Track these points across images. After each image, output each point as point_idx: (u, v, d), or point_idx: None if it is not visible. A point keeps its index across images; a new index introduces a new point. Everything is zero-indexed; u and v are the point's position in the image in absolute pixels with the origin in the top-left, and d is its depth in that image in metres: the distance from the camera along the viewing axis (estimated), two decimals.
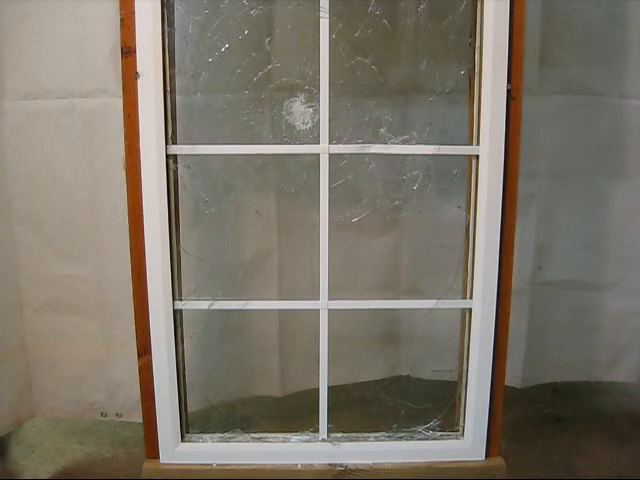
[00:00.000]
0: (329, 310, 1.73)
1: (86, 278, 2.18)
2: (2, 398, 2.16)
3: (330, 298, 1.73)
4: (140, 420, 1.80)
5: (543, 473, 2.16)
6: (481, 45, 1.61)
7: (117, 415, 2.27)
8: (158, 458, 1.75)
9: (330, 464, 1.75)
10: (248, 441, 1.79)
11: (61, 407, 2.29)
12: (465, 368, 1.76)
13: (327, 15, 1.59)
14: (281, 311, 2.21)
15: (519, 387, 2.33)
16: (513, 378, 2.28)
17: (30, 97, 2.05)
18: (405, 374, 2.38)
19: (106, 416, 2.28)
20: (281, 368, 2.30)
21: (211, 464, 1.75)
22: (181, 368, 1.75)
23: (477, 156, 1.65)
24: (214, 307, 1.74)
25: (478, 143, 1.65)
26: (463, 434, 1.78)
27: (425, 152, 1.76)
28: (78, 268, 2.18)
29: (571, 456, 2.24)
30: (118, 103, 1.82)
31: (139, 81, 1.59)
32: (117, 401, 2.26)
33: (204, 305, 1.75)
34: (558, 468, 2.18)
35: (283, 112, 1.90)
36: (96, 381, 2.25)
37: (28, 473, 2.20)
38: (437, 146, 1.69)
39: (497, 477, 1.75)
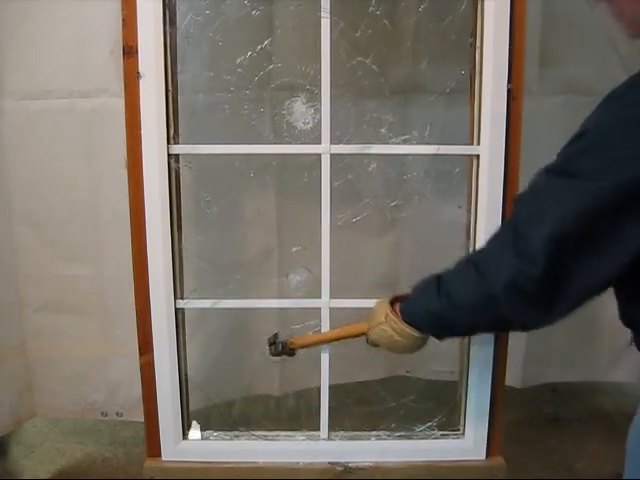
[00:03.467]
0: (330, 309, 1.73)
1: (86, 278, 2.19)
2: (2, 398, 2.17)
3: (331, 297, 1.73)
4: (140, 419, 1.81)
5: (543, 473, 2.16)
6: (481, 45, 1.61)
7: (117, 414, 2.28)
8: (160, 456, 1.75)
9: (331, 463, 1.75)
10: (249, 439, 1.79)
11: (61, 407, 2.29)
12: (466, 368, 1.76)
13: (328, 15, 1.59)
14: (281, 311, 2.20)
15: (519, 387, 2.34)
16: (513, 378, 2.28)
17: (30, 97, 2.05)
18: (405, 374, 2.38)
19: (106, 415, 2.28)
20: (280, 367, 2.30)
21: (212, 462, 1.75)
22: (183, 366, 1.75)
23: (477, 156, 1.65)
24: (216, 306, 1.74)
25: (479, 143, 1.64)
26: (464, 434, 1.78)
27: (425, 152, 1.76)
28: (78, 268, 2.18)
29: (571, 456, 2.24)
30: (118, 103, 1.82)
31: (141, 81, 1.59)
32: (117, 400, 2.26)
33: (206, 304, 1.75)
34: (558, 468, 2.19)
35: (284, 112, 1.90)
36: (96, 381, 2.25)
37: (28, 473, 2.20)
38: (437, 146, 1.69)
39: (497, 477, 1.75)
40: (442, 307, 1.30)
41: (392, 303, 1.46)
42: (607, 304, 2.27)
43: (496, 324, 1.35)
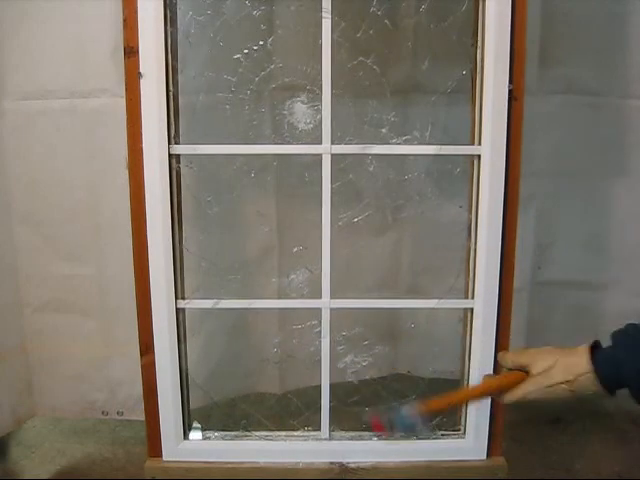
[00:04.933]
0: (331, 309, 1.73)
1: (86, 278, 2.19)
2: (2, 398, 2.17)
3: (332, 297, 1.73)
4: (141, 418, 1.81)
5: (543, 473, 2.16)
6: (483, 45, 1.61)
7: (118, 413, 2.28)
8: (161, 456, 1.75)
9: (331, 463, 1.76)
10: (250, 439, 1.80)
11: (61, 407, 2.29)
12: (467, 367, 1.77)
13: (329, 15, 1.59)
14: (282, 311, 2.20)
15: None
16: None
17: (30, 97, 2.05)
18: (405, 372, 2.38)
19: (107, 414, 2.28)
20: (280, 366, 2.30)
21: (213, 462, 1.76)
22: (184, 366, 1.75)
23: (479, 156, 1.66)
24: (217, 306, 1.74)
25: (480, 143, 1.65)
26: (465, 433, 1.78)
27: (427, 152, 1.76)
28: (78, 268, 2.18)
29: (571, 456, 2.24)
30: (119, 103, 1.83)
31: (142, 81, 1.59)
32: (118, 399, 2.26)
33: (207, 304, 1.75)
34: (558, 468, 2.19)
35: (285, 112, 1.90)
36: (96, 380, 2.25)
37: (28, 473, 2.20)
38: (439, 146, 1.69)
39: (498, 477, 1.76)
40: None
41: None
42: (607, 303, 2.30)
43: None
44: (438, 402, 1.37)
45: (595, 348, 1.21)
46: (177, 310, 1.70)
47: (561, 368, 1.21)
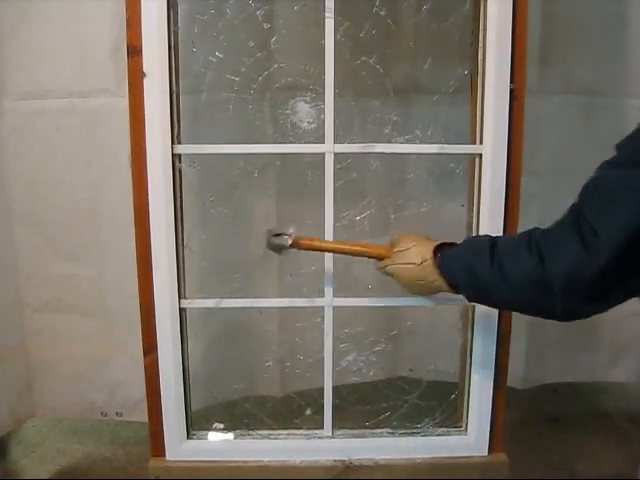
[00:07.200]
0: (334, 307, 1.73)
1: (86, 278, 2.19)
2: (2, 398, 2.17)
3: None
4: (140, 419, 1.80)
5: (543, 473, 2.17)
6: (484, 45, 1.62)
7: (117, 414, 2.27)
8: (164, 456, 1.75)
9: (335, 460, 1.76)
10: (253, 438, 1.80)
11: (61, 407, 2.29)
12: (468, 365, 1.77)
13: (332, 15, 1.59)
14: (282, 310, 2.20)
15: (519, 388, 2.34)
16: (514, 379, 2.28)
17: (30, 97, 2.06)
18: (407, 373, 2.38)
19: (106, 415, 2.28)
20: (280, 367, 2.30)
21: (217, 461, 1.76)
22: (187, 366, 1.75)
23: (480, 155, 1.66)
24: (220, 305, 1.73)
25: (481, 142, 1.65)
26: (466, 430, 1.79)
27: (429, 151, 1.76)
28: (78, 268, 2.19)
29: (571, 456, 2.25)
30: (118, 103, 1.84)
31: (145, 81, 1.59)
32: (117, 400, 2.26)
33: (210, 303, 1.75)
34: (558, 468, 2.20)
35: (288, 111, 1.91)
36: (96, 381, 2.25)
37: (28, 473, 2.20)
38: (441, 145, 1.70)
39: (500, 472, 1.76)
40: (491, 277, 1.26)
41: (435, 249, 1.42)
42: None
43: (538, 308, 1.27)
44: (308, 243, 1.60)
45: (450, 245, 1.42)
46: (180, 309, 1.70)
47: (415, 251, 1.43)
